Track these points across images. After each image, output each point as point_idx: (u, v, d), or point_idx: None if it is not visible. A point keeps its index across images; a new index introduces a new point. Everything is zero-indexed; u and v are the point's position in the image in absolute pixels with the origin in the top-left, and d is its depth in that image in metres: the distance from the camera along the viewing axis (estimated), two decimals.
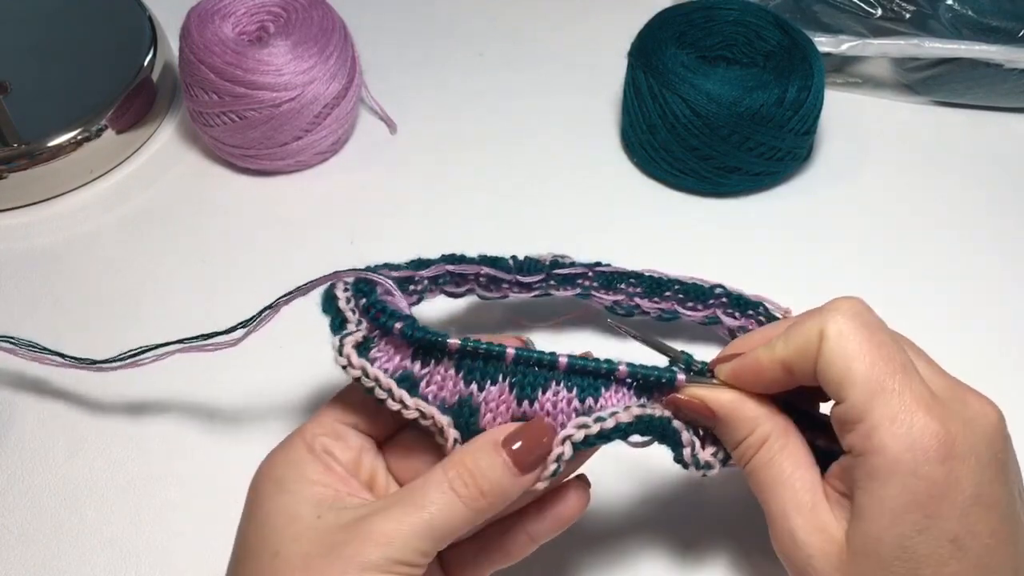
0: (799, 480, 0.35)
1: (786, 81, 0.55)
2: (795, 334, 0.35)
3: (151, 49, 0.63)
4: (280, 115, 0.56)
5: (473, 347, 0.37)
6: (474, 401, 0.37)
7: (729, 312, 0.49)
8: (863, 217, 0.58)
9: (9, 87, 0.61)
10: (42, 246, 0.57)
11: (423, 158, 0.62)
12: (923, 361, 0.35)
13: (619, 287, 0.50)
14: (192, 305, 0.54)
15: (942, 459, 0.31)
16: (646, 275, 0.50)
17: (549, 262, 0.49)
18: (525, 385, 0.37)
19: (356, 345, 0.38)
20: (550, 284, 0.49)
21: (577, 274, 0.49)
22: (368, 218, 0.58)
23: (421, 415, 0.37)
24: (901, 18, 0.63)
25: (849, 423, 0.33)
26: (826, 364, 0.34)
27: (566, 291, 0.49)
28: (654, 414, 0.37)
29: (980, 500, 0.32)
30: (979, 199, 0.59)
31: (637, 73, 0.57)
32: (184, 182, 0.61)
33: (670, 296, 0.50)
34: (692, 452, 0.38)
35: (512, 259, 0.48)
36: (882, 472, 0.32)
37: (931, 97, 0.64)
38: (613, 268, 0.49)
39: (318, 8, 0.59)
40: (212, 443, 0.48)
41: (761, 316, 0.48)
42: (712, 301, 0.49)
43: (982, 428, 0.33)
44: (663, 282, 0.49)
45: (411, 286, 0.45)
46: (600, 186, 0.60)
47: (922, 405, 0.32)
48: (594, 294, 0.50)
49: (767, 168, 0.57)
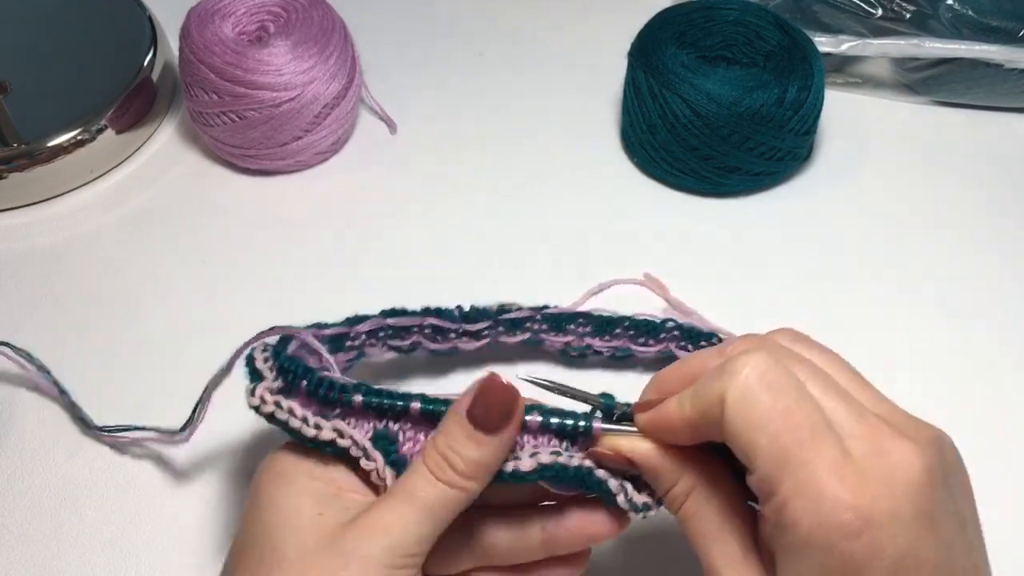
0: (729, 532, 0.33)
1: (786, 81, 0.55)
2: (698, 396, 0.32)
3: (151, 49, 0.63)
4: (280, 115, 0.56)
5: (377, 403, 0.37)
6: (390, 432, 0.37)
7: (682, 345, 0.48)
8: (863, 217, 0.58)
9: (9, 87, 0.61)
10: (42, 246, 0.57)
11: (423, 158, 0.62)
12: (843, 406, 0.31)
13: (568, 328, 0.49)
14: (192, 305, 0.54)
15: (857, 533, 0.29)
16: (595, 314, 0.49)
17: (495, 309, 0.48)
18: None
19: (269, 390, 0.37)
20: (498, 331, 0.48)
21: (524, 318, 0.48)
22: (368, 218, 0.58)
23: (339, 435, 0.36)
24: (901, 18, 0.63)
25: (762, 494, 0.31)
26: (729, 434, 0.31)
27: (515, 336, 0.49)
28: (569, 464, 0.35)
29: (904, 564, 0.29)
30: (979, 199, 0.59)
31: (637, 73, 0.57)
32: (184, 182, 0.61)
33: (620, 333, 0.49)
34: (626, 498, 0.36)
35: (457, 308, 0.48)
36: (796, 548, 0.30)
37: (931, 97, 0.64)
38: (560, 309, 0.49)
39: (318, 8, 0.59)
40: (213, 443, 0.48)
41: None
42: (663, 335, 0.48)
43: (904, 484, 0.29)
44: (612, 320, 0.49)
45: (347, 342, 0.45)
46: (600, 186, 0.60)
47: (833, 475, 0.29)
48: (544, 336, 0.49)
49: (767, 168, 0.57)
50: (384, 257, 0.56)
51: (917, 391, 0.49)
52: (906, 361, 0.50)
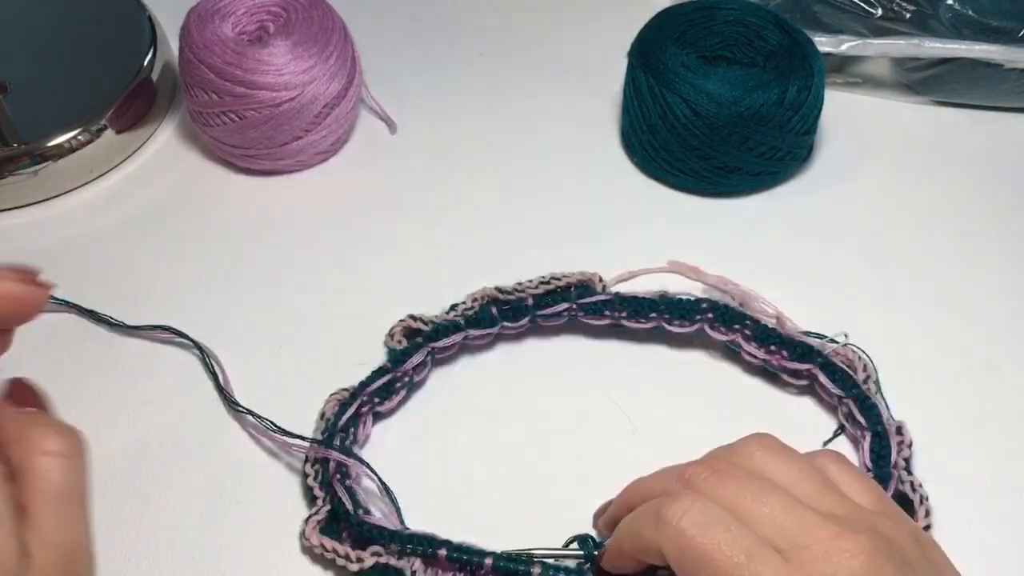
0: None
1: (786, 81, 0.55)
2: (638, 540, 0.36)
3: (151, 49, 0.63)
4: (280, 115, 0.56)
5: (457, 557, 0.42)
6: None
7: (715, 326, 0.50)
8: (863, 217, 0.58)
9: (9, 87, 0.61)
10: (42, 246, 0.57)
11: (423, 158, 0.62)
12: (791, 517, 0.33)
13: (604, 313, 0.50)
14: (192, 305, 0.54)
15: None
16: (628, 296, 0.51)
17: (531, 306, 0.51)
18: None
19: (319, 523, 0.44)
20: (536, 322, 0.51)
21: (563, 310, 0.51)
22: (368, 218, 0.58)
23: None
24: (901, 18, 0.63)
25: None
26: (677, 572, 0.34)
27: (552, 322, 0.51)
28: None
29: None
30: (979, 199, 0.59)
31: (637, 73, 0.57)
32: (184, 182, 0.61)
33: (655, 317, 0.50)
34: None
35: (495, 306, 0.51)
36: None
37: (931, 97, 0.64)
38: (594, 298, 0.51)
39: (318, 8, 0.59)
40: (213, 443, 0.48)
41: (747, 329, 0.49)
42: (698, 316, 0.50)
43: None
44: (647, 301, 0.50)
45: (397, 384, 0.49)
46: (600, 186, 0.60)
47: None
48: (581, 319, 0.51)
49: (767, 168, 0.57)
50: (384, 257, 0.56)
51: (917, 391, 0.49)
52: (906, 361, 0.50)
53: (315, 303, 0.54)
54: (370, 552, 0.42)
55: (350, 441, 0.46)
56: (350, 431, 0.47)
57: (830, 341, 0.49)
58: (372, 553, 0.42)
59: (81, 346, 0.52)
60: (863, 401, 0.46)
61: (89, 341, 0.52)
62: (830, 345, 0.49)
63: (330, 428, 0.46)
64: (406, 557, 0.42)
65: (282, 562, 0.44)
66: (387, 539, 0.42)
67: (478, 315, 0.50)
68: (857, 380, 0.47)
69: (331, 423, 0.46)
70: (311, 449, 0.45)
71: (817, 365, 0.48)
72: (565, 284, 0.51)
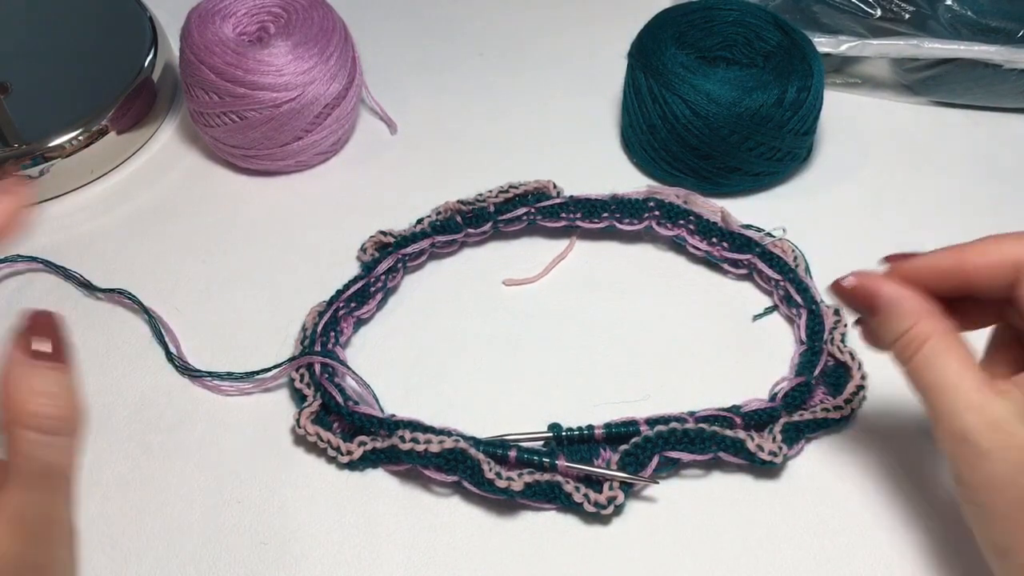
0: (968, 379, 0.35)
1: (786, 81, 0.55)
2: (990, 254, 0.37)
3: (151, 49, 0.64)
4: (280, 115, 0.56)
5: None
6: None
7: (661, 223, 0.54)
8: (863, 217, 0.58)
9: (9, 87, 0.61)
10: (42, 246, 0.57)
11: (423, 158, 0.62)
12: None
13: (561, 215, 0.55)
14: (193, 305, 0.54)
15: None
16: (581, 198, 0.55)
17: (492, 213, 0.55)
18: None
19: (312, 414, 0.46)
20: (498, 225, 0.55)
21: (522, 213, 0.55)
22: (368, 218, 0.58)
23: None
24: (900, 18, 0.63)
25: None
26: None
27: (514, 226, 0.55)
28: (541, 480, 0.44)
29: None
30: (979, 199, 0.59)
31: (637, 74, 0.58)
32: (185, 182, 0.61)
33: (607, 216, 0.55)
34: (590, 501, 0.43)
35: (460, 216, 0.55)
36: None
37: (930, 97, 0.64)
38: (552, 201, 0.55)
39: (318, 8, 0.59)
40: (213, 443, 0.48)
41: (691, 224, 0.54)
42: (646, 215, 0.54)
43: None
44: (598, 203, 0.55)
45: (371, 288, 0.52)
46: (600, 186, 0.60)
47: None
48: (540, 223, 0.55)
49: (767, 168, 0.57)
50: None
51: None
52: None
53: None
54: (357, 443, 0.45)
55: (331, 344, 0.49)
56: (330, 335, 0.50)
57: (767, 235, 0.54)
58: (359, 443, 0.45)
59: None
60: (799, 284, 0.51)
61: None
62: (767, 239, 0.53)
63: (311, 336, 0.49)
64: (395, 434, 0.44)
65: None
66: (376, 426, 0.45)
67: (444, 222, 0.54)
68: (792, 267, 0.52)
69: (311, 332, 0.49)
70: (294, 363, 0.48)
71: (756, 255, 0.53)
72: (523, 191, 0.55)
